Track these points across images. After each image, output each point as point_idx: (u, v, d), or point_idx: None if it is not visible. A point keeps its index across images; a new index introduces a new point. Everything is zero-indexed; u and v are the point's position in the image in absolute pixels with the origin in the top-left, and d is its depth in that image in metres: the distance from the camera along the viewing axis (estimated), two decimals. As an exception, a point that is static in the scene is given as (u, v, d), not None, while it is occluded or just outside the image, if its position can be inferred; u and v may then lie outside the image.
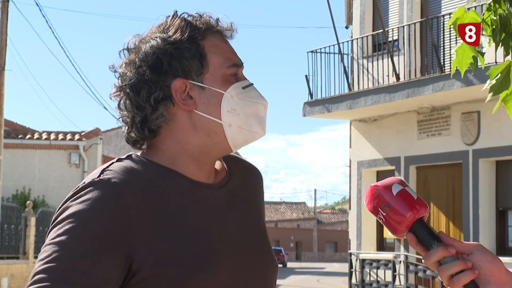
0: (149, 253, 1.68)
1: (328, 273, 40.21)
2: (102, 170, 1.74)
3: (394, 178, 1.69)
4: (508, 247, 14.67)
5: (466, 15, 3.83)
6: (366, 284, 16.67)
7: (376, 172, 17.32)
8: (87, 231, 1.65)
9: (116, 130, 38.21)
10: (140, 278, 1.68)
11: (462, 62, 3.81)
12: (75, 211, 1.67)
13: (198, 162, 1.81)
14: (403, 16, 16.52)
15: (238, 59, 1.84)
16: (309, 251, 71.15)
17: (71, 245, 1.63)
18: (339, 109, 16.63)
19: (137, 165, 1.77)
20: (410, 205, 1.62)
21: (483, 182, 14.73)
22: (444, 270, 1.59)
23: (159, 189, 1.74)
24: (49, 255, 1.63)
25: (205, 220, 1.77)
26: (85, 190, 1.70)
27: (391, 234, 1.69)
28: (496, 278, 1.59)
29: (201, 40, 1.81)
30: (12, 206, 19.49)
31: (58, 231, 1.66)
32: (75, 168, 24.31)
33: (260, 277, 1.83)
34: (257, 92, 1.84)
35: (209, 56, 1.80)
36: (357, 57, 17.29)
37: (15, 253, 19.09)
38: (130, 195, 1.69)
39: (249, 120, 1.81)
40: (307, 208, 75.19)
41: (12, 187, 23.61)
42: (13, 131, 24.68)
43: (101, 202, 1.67)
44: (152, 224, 1.70)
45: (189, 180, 1.79)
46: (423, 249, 1.63)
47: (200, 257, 1.71)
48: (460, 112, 15.15)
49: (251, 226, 1.87)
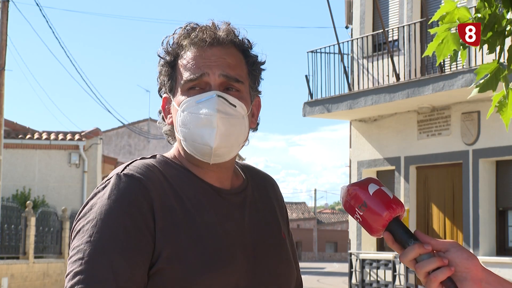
0: (166, 246, 1.73)
1: (328, 273, 40.18)
2: (126, 166, 1.82)
3: (370, 178, 1.71)
4: (508, 247, 14.66)
5: (457, 11, 3.79)
6: (366, 284, 16.67)
7: (376, 172, 17.31)
8: (119, 228, 1.70)
9: (116, 130, 38.20)
10: (156, 269, 1.72)
11: (441, 51, 3.77)
12: (104, 208, 1.73)
13: (200, 168, 1.87)
14: (403, 16, 16.52)
15: (197, 71, 1.85)
16: (309, 251, 71.11)
17: (107, 243, 1.69)
18: (339, 109, 16.63)
19: (159, 164, 1.85)
20: (387, 205, 1.65)
21: (483, 182, 14.72)
22: (420, 267, 1.61)
23: (179, 187, 1.81)
24: (86, 255, 1.68)
25: (220, 222, 1.81)
26: (110, 184, 1.76)
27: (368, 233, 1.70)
28: (472, 275, 1.61)
29: (178, 57, 1.89)
30: (12, 206, 19.48)
31: (93, 229, 1.71)
32: (75, 168, 24.30)
33: (273, 281, 1.86)
34: (211, 105, 1.82)
35: (178, 71, 1.88)
36: (357, 57, 17.29)
37: (15, 253, 19.07)
38: (152, 188, 1.76)
39: (198, 134, 1.83)
40: (307, 208, 75.14)
41: (12, 187, 23.60)
42: (13, 131, 24.67)
43: (128, 197, 1.74)
44: (170, 219, 1.76)
45: (206, 183, 1.86)
46: (399, 248, 1.66)
47: (212, 256, 1.75)
48: (460, 112, 15.15)
49: (269, 232, 1.90)
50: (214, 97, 1.83)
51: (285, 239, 1.94)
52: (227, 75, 1.85)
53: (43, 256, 20.64)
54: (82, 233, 1.71)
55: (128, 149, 38.08)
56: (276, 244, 1.90)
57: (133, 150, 37.81)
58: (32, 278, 19.49)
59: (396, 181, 16.48)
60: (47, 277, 20.42)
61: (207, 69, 1.85)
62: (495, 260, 14.38)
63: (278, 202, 2.01)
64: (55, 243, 21.55)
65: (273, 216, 1.95)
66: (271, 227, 1.92)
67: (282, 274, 1.88)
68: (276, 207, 1.99)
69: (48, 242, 21.16)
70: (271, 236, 1.90)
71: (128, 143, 38.24)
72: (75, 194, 24.06)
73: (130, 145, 38.13)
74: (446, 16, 3.76)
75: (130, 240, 1.70)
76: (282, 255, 1.90)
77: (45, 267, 20.42)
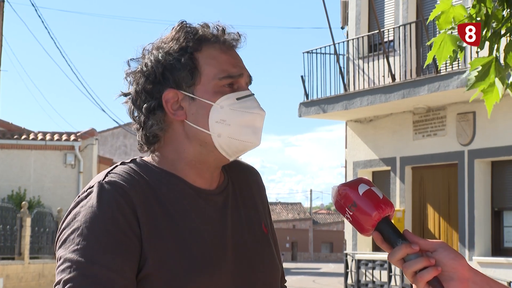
0: (152, 252, 1.72)
1: (324, 274, 40.20)
2: (107, 173, 1.79)
3: (361, 178, 1.73)
4: (504, 247, 14.68)
5: (453, 10, 3.78)
6: (361, 284, 16.68)
7: (372, 172, 17.32)
8: (105, 235, 1.69)
9: (112, 131, 38.17)
10: (143, 275, 1.72)
11: (441, 54, 3.75)
12: (88, 216, 1.71)
13: (197, 169, 1.85)
14: (399, 17, 16.53)
15: (235, 70, 1.84)
16: (304, 251, 71.14)
17: (94, 251, 1.68)
18: (335, 109, 16.63)
19: (140, 169, 1.81)
20: (376, 205, 1.67)
21: (479, 182, 14.74)
22: (407, 267, 1.63)
23: (160, 193, 1.78)
24: (74, 263, 1.67)
25: (205, 224, 1.80)
26: (93, 193, 1.74)
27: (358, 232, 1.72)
28: (459, 275, 1.62)
29: (196, 51, 1.83)
30: (7, 207, 19.46)
31: (78, 238, 1.70)
32: (70, 169, 24.27)
33: (260, 279, 1.85)
34: (254, 103, 1.84)
35: (203, 67, 1.82)
36: (352, 58, 17.29)
37: (10, 254, 19.05)
38: (134, 195, 1.74)
39: (241, 130, 1.82)
40: (303, 208, 75.17)
41: (7, 188, 23.57)
42: (8, 131, 24.64)
43: (112, 204, 1.72)
44: (154, 224, 1.74)
45: (189, 186, 1.83)
46: (388, 247, 1.67)
47: (198, 259, 1.75)
48: (455, 113, 15.17)
49: (252, 229, 1.90)
50: (253, 96, 1.85)
51: (267, 234, 1.94)
52: (251, 78, 1.88)
53: (38, 257, 20.61)
54: (68, 242, 1.70)
55: (124, 150, 38.05)
56: (259, 241, 1.89)
57: (129, 150, 37.78)
58: (27, 279, 19.46)
59: (392, 181, 16.49)
60: (43, 278, 20.40)
61: (242, 70, 1.85)
62: (490, 261, 14.40)
63: (259, 192, 1.99)
64: (50, 243, 21.52)
65: (255, 211, 1.94)
66: (253, 224, 1.91)
67: (267, 271, 1.88)
68: (257, 200, 1.97)
69: (43, 242, 21.14)
70: (254, 233, 1.89)
71: (124, 144, 38.21)
72: (70, 195, 24.02)
73: (126, 146, 38.10)
74: (442, 15, 3.75)
75: (117, 245, 1.69)
76: (265, 251, 1.89)
77: (41, 267, 20.39)
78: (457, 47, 3.71)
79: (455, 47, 3.71)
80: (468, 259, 14.67)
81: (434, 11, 3.77)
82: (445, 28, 3.77)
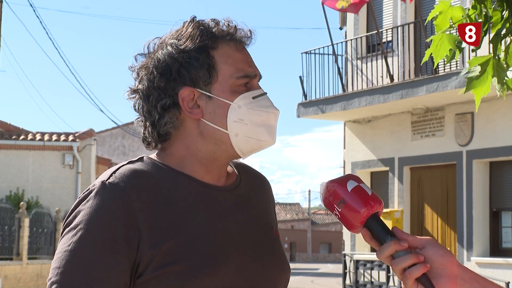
0: (156, 255, 1.71)
1: (322, 274, 40.19)
2: (111, 173, 1.78)
3: (350, 175, 1.72)
4: (502, 248, 14.68)
5: (451, 10, 3.78)
6: (360, 285, 16.68)
7: (370, 173, 17.33)
8: (98, 239, 1.70)
9: (110, 131, 38.16)
10: (145, 278, 1.72)
11: (438, 53, 3.73)
12: (86, 217, 1.72)
13: (207, 166, 1.84)
14: (397, 17, 16.54)
15: (251, 69, 1.84)
16: (303, 252, 71.12)
17: (84, 253, 1.69)
18: (333, 110, 16.64)
19: (147, 167, 1.80)
20: (365, 201, 1.66)
21: (477, 183, 14.75)
22: (396, 264, 1.63)
23: (168, 191, 1.78)
24: (62, 264, 1.69)
25: (213, 221, 1.79)
26: (95, 193, 1.74)
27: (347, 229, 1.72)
28: (448, 271, 1.62)
29: (212, 49, 1.81)
30: (5, 207, 19.45)
31: (72, 238, 1.71)
32: (68, 169, 24.27)
33: (267, 279, 1.85)
34: (268, 102, 1.85)
35: (219, 66, 1.81)
36: (351, 58, 17.30)
37: (8, 254, 19.04)
38: (136, 199, 1.73)
39: (257, 130, 1.82)
40: (301, 209, 75.13)
41: (5, 188, 23.56)
42: (6, 131, 24.63)
43: (110, 208, 1.71)
44: (160, 225, 1.74)
45: (197, 182, 1.82)
46: (377, 244, 1.67)
47: (205, 256, 1.74)
48: (454, 113, 15.17)
49: (262, 230, 1.89)
50: (267, 94, 1.85)
51: (278, 237, 1.94)
52: (261, 76, 1.88)
53: (36, 257, 20.61)
54: (65, 240, 1.72)
55: (122, 150, 38.03)
56: (270, 241, 1.89)
57: (127, 151, 37.77)
58: (25, 279, 19.45)
59: (390, 182, 16.49)
60: (41, 278, 20.38)
61: (256, 69, 1.86)
62: (488, 261, 14.41)
63: (270, 203, 2.00)
64: (48, 244, 21.51)
65: (266, 215, 1.94)
66: (265, 225, 1.91)
67: (277, 271, 1.87)
68: (270, 207, 1.98)
69: (41, 243, 21.13)
70: (265, 233, 1.89)
71: (122, 144, 38.20)
72: (68, 195, 24.02)
73: (124, 146, 38.09)
74: (440, 15, 3.75)
75: (108, 251, 1.69)
76: (276, 252, 1.89)
77: (39, 268, 20.38)
78: (455, 47, 3.70)
79: (453, 46, 3.70)
80: (466, 259, 14.68)
81: (432, 12, 3.77)
82: (443, 29, 3.76)
